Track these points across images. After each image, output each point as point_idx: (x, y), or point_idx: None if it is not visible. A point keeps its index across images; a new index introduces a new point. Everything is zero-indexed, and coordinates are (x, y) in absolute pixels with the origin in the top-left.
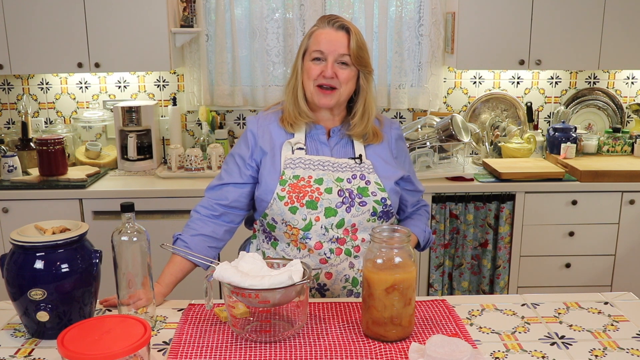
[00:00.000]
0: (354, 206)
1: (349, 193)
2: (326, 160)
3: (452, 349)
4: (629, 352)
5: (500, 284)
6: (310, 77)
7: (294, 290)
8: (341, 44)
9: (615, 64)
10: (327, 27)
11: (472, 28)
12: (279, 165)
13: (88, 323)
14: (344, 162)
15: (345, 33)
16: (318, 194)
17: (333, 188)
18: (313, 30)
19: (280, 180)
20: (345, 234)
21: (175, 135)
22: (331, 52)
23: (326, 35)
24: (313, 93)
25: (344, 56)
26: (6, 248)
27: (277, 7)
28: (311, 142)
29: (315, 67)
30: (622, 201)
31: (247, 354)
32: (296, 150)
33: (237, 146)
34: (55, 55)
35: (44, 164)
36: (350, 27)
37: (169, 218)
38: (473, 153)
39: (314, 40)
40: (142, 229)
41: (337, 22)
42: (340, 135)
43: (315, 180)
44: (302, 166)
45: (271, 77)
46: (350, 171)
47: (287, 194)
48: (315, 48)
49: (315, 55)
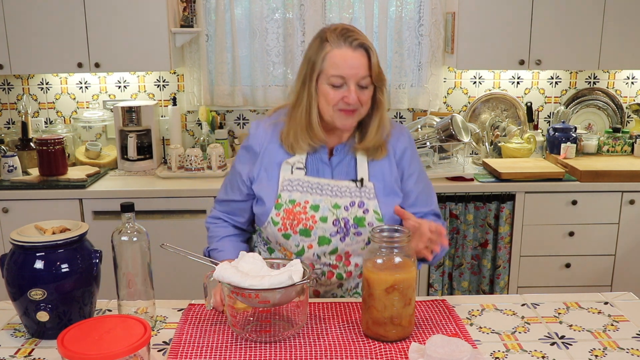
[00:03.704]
0: (348, 235)
1: (345, 223)
2: (326, 183)
3: (452, 349)
4: (629, 352)
5: (500, 284)
6: (330, 102)
7: (294, 290)
8: (362, 66)
9: (615, 64)
10: (343, 46)
11: (472, 28)
12: (276, 185)
13: (88, 323)
14: (344, 186)
15: (364, 52)
16: (313, 222)
17: (329, 217)
18: (327, 51)
19: (275, 203)
20: (337, 260)
21: (175, 135)
22: (352, 76)
23: (344, 58)
24: (333, 116)
25: (365, 78)
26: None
27: (277, 7)
28: (312, 162)
29: (335, 92)
30: (622, 201)
31: (247, 354)
32: (295, 170)
33: (238, 160)
34: (55, 55)
35: (44, 164)
36: (368, 44)
37: (169, 218)
38: (473, 153)
39: (331, 63)
40: (142, 229)
41: (354, 41)
42: (344, 153)
43: (312, 206)
44: (300, 189)
45: (271, 77)
46: (349, 197)
47: (281, 220)
48: (335, 73)
49: (335, 81)
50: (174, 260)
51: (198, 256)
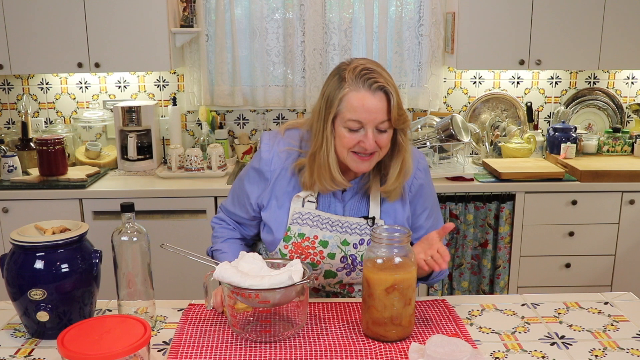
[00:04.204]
0: (354, 271)
1: (352, 260)
2: (336, 219)
3: (452, 349)
4: (629, 352)
5: (500, 284)
6: (346, 146)
7: (294, 290)
8: (381, 110)
9: (615, 64)
10: (362, 89)
11: (472, 28)
12: (286, 217)
13: (88, 323)
14: (354, 223)
15: (384, 95)
16: (320, 257)
17: (337, 254)
18: (345, 93)
19: (284, 236)
20: (341, 288)
21: (175, 135)
22: (370, 121)
23: (363, 102)
24: (349, 161)
25: (383, 122)
26: (6, 248)
27: (277, 7)
28: (324, 197)
29: (352, 136)
30: (622, 201)
31: (247, 354)
32: (307, 203)
33: (247, 179)
34: (55, 55)
35: (44, 164)
36: (389, 88)
37: (169, 218)
38: (473, 153)
39: (348, 106)
40: (142, 229)
41: (374, 84)
42: (357, 189)
43: (320, 242)
44: (310, 223)
45: (271, 77)
46: (359, 234)
47: (289, 253)
48: (352, 117)
49: (352, 125)
50: (174, 260)
51: (198, 256)
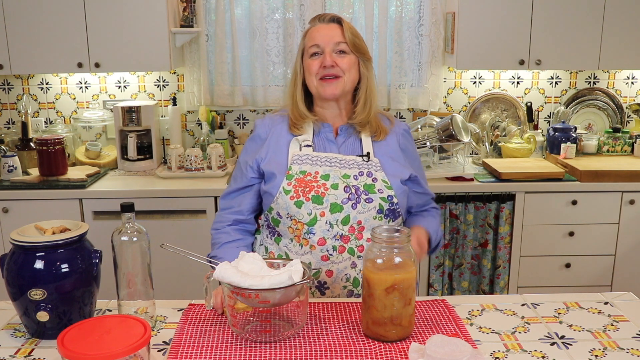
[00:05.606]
0: (360, 203)
1: (355, 189)
2: (333, 157)
3: (452, 349)
4: (629, 352)
5: (500, 284)
6: (312, 72)
7: (294, 290)
8: (335, 34)
9: (615, 64)
10: (318, 23)
11: (472, 28)
12: (286, 160)
13: (88, 323)
14: (351, 160)
15: (337, 24)
16: (324, 189)
17: (339, 184)
18: (307, 30)
19: (286, 174)
20: (350, 232)
21: (175, 135)
22: (327, 43)
23: (319, 30)
24: (317, 87)
25: (340, 44)
26: (6, 248)
27: (277, 7)
28: (319, 140)
29: (315, 61)
30: (622, 201)
31: (247, 354)
32: (303, 147)
33: (243, 152)
34: (55, 55)
35: (44, 164)
36: (341, 18)
37: (169, 218)
38: (473, 153)
39: (309, 38)
40: (142, 229)
41: (327, 17)
42: (348, 134)
43: (322, 175)
44: (309, 162)
45: (271, 77)
46: (357, 168)
47: (293, 188)
48: (311, 44)
49: (313, 50)
50: (174, 260)
51: (198, 256)
